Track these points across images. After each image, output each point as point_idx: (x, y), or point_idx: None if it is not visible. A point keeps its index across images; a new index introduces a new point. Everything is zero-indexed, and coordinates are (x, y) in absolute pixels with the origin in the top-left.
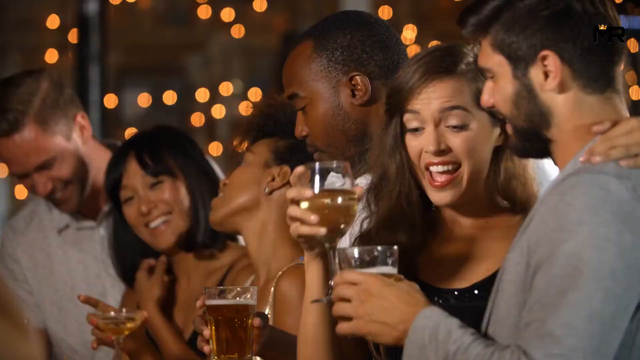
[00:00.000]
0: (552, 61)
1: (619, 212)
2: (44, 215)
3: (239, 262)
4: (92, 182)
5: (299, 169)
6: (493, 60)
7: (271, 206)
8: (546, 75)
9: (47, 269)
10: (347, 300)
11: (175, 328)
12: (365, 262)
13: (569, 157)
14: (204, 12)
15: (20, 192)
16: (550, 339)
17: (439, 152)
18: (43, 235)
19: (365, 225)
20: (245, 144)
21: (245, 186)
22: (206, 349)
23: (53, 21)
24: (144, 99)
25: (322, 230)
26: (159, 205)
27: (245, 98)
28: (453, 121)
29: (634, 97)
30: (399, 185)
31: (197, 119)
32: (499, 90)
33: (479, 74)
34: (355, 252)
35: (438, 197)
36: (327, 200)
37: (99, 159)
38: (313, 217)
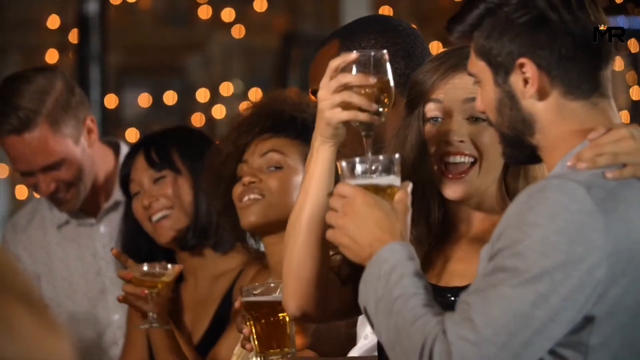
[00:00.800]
0: (529, 68)
1: (577, 223)
2: (45, 212)
3: (250, 266)
4: (94, 181)
5: (352, 55)
6: (477, 66)
7: None
8: (525, 82)
9: (47, 266)
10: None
11: (184, 331)
12: (366, 172)
13: (557, 159)
14: (204, 12)
15: (21, 192)
16: (469, 324)
17: (458, 142)
18: (43, 232)
19: None
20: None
21: (291, 193)
22: (248, 346)
23: (53, 21)
24: (144, 99)
25: (377, 119)
26: (160, 200)
27: (246, 98)
28: (475, 112)
29: (635, 97)
30: (420, 175)
31: (197, 119)
32: (484, 96)
33: None
34: (356, 161)
35: (451, 190)
36: (377, 89)
37: (102, 161)
38: (374, 105)
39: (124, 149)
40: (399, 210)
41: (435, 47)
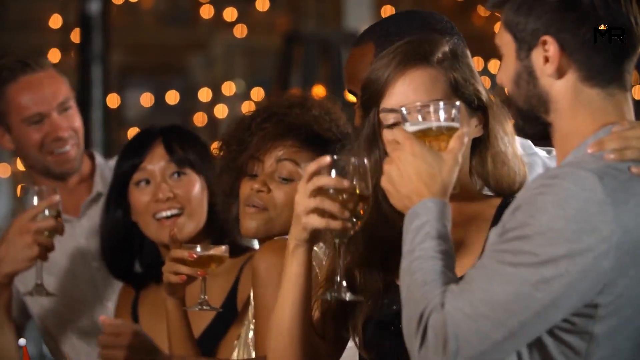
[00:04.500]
0: (551, 47)
1: (586, 212)
2: None
3: (249, 263)
4: (74, 179)
5: (326, 159)
6: (503, 38)
7: None
8: (546, 60)
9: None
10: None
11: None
12: (424, 117)
13: (568, 149)
14: (206, 11)
15: None
16: (468, 297)
17: None
18: None
19: None
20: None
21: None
22: None
23: (56, 21)
24: (146, 99)
25: (350, 227)
26: (177, 198)
27: (248, 98)
28: None
29: (637, 97)
30: (375, 180)
31: (199, 119)
32: (505, 68)
33: (455, 64)
34: (417, 106)
35: None
36: (351, 195)
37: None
38: (347, 212)
39: (99, 159)
40: (446, 161)
41: None
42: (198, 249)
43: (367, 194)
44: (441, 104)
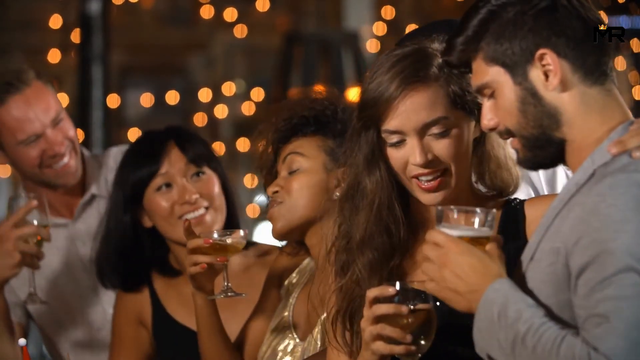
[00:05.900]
0: (550, 58)
1: None
2: None
3: (278, 256)
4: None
5: (388, 289)
6: (489, 73)
7: (335, 210)
8: (546, 75)
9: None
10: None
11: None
12: (460, 221)
13: (584, 154)
14: (206, 11)
15: None
16: (614, 333)
17: (427, 163)
18: None
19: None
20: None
21: (314, 193)
22: None
23: (56, 21)
24: (146, 99)
25: (414, 349)
26: (202, 197)
27: (248, 98)
28: (435, 130)
29: (637, 97)
30: (378, 198)
31: (199, 119)
32: (502, 103)
33: (451, 74)
34: (453, 210)
35: (429, 199)
36: (413, 319)
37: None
38: (409, 337)
39: (87, 154)
40: (492, 254)
41: None
42: (215, 235)
43: (431, 314)
44: (477, 211)
